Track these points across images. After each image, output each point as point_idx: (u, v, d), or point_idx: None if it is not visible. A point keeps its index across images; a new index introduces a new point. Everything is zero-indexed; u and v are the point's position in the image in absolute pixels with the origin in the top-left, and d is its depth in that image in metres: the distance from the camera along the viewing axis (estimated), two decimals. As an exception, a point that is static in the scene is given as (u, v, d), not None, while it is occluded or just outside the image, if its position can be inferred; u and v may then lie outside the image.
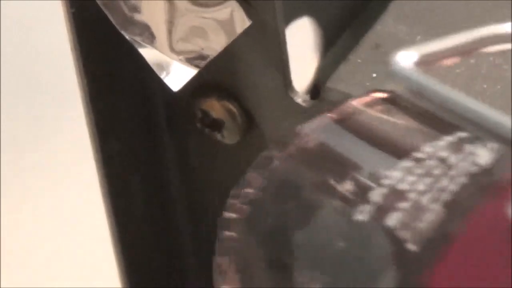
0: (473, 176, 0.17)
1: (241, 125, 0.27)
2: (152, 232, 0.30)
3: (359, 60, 0.28)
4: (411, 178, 0.17)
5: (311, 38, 0.29)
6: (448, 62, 0.19)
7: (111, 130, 0.26)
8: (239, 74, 0.26)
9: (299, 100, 0.26)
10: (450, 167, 0.17)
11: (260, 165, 0.20)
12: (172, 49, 0.25)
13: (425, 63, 0.18)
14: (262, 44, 0.26)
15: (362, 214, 0.17)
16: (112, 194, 0.28)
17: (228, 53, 0.25)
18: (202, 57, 0.25)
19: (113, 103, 0.26)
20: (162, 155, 0.29)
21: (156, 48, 0.25)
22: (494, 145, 0.17)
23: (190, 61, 0.25)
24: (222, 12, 0.25)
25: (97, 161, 0.26)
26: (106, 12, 0.24)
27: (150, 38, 0.25)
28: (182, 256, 0.31)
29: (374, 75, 0.28)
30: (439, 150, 0.18)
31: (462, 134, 0.18)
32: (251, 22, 0.25)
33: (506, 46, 0.19)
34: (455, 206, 0.16)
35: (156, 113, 0.28)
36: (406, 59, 0.18)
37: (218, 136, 0.27)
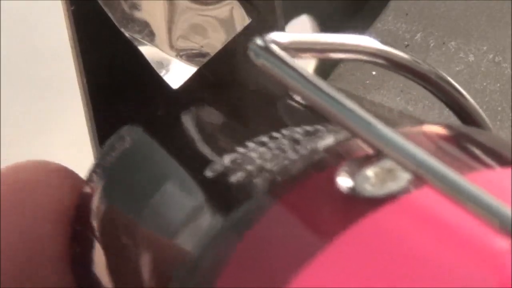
0: (313, 150, 0.19)
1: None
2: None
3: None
4: (262, 149, 0.20)
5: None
6: (306, 55, 0.20)
7: (111, 127, 0.26)
8: (239, 71, 0.26)
9: (298, 98, 0.26)
10: (298, 144, 0.19)
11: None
12: (172, 47, 0.25)
13: (287, 49, 0.19)
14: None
15: (211, 172, 0.20)
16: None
17: (227, 50, 0.26)
18: (202, 54, 0.25)
19: (113, 100, 0.26)
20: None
21: (155, 45, 0.25)
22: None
23: (190, 58, 0.25)
24: (222, 10, 0.25)
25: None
26: (106, 9, 0.24)
27: (150, 35, 0.25)
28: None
29: (374, 73, 0.28)
30: (294, 133, 0.20)
31: (320, 127, 0.20)
32: (250, 19, 0.25)
33: (349, 56, 0.21)
34: (291, 168, 0.19)
35: (155, 111, 0.28)
36: (274, 40, 0.19)
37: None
